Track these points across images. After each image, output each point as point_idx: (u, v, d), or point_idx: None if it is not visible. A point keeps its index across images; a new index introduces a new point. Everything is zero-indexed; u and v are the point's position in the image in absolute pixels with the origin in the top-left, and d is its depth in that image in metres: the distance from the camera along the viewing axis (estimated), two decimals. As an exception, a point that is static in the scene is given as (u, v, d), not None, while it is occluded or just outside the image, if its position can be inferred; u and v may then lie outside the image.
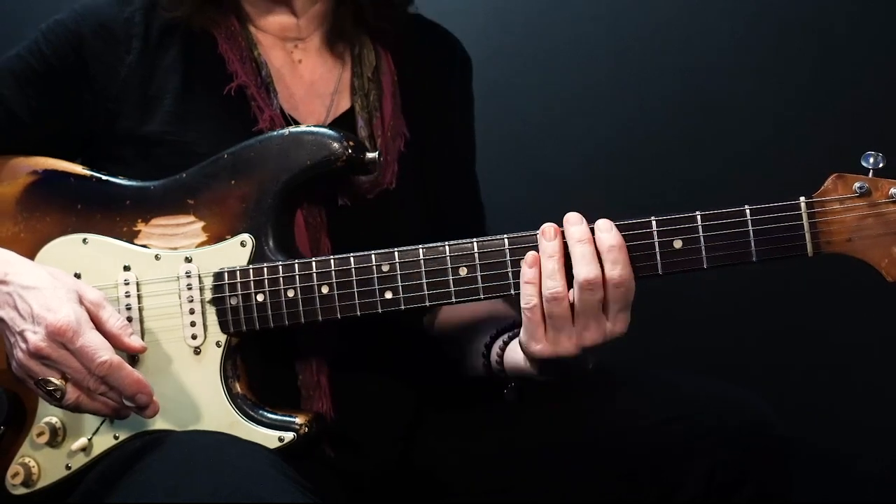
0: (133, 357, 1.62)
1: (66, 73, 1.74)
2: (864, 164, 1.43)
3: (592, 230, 1.48)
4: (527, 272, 1.49)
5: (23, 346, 1.50)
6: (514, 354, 1.61)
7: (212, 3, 1.77)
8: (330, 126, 1.71)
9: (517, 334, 1.60)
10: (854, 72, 2.50)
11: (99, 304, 1.55)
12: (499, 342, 1.66)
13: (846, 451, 2.54)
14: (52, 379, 1.49)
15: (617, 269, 1.45)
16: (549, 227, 1.49)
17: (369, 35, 1.86)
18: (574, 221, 1.49)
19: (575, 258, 1.46)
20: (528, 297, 1.48)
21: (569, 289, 1.47)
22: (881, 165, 1.42)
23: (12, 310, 1.53)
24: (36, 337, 1.49)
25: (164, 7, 1.75)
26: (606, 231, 1.47)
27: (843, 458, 2.53)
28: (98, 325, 1.53)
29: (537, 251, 1.50)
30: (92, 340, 1.49)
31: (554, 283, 1.47)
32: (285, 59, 1.82)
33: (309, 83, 1.83)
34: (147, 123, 1.73)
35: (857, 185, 1.42)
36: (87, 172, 1.72)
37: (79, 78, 1.74)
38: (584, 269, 1.45)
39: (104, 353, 1.48)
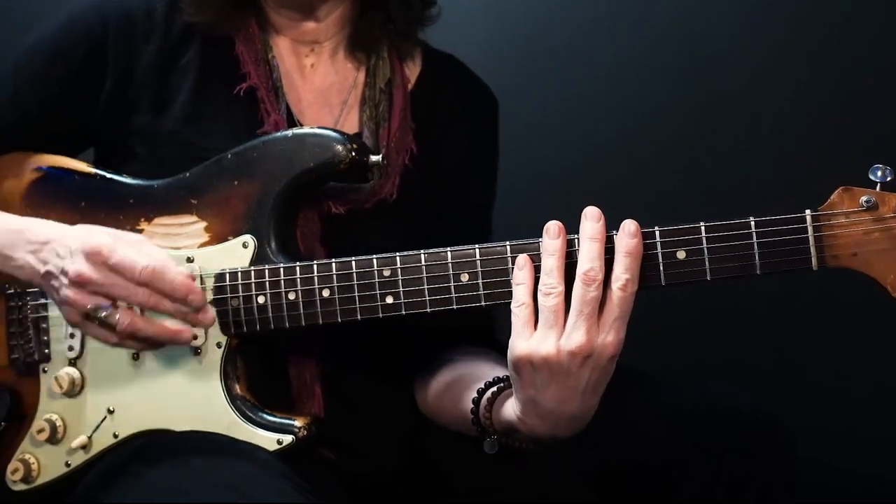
0: (134, 356, 1.63)
1: (86, 67, 1.73)
2: (871, 177, 1.40)
3: (609, 235, 1.45)
4: (517, 274, 1.47)
5: (65, 280, 1.53)
6: (503, 407, 1.56)
7: (234, 8, 1.76)
8: (334, 128, 1.69)
9: (505, 387, 1.57)
10: (863, 84, 2.48)
11: (139, 241, 1.59)
12: (487, 394, 1.60)
13: (849, 454, 2.53)
14: (102, 304, 1.52)
15: (627, 274, 1.42)
16: (553, 225, 1.46)
17: (389, 46, 1.84)
18: (592, 217, 1.45)
19: (582, 252, 1.43)
20: (518, 297, 1.46)
21: (564, 291, 1.44)
22: (889, 179, 1.40)
23: (55, 257, 1.56)
24: (75, 265, 1.52)
25: (188, 13, 1.73)
26: (632, 237, 1.43)
27: (846, 460, 2.53)
28: None
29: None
30: (127, 253, 1.52)
31: (551, 279, 1.43)
32: (298, 63, 1.81)
33: (319, 89, 1.81)
34: (159, 121, 1.73)
35: (863, 198, 1.40)
36: (92, 170, 1.72)
37: (98, 72, 1.73)
38: (589, 263, 1.42)
39: (143, 259, 1.52)
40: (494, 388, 1.59)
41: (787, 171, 2.48)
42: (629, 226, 1.44)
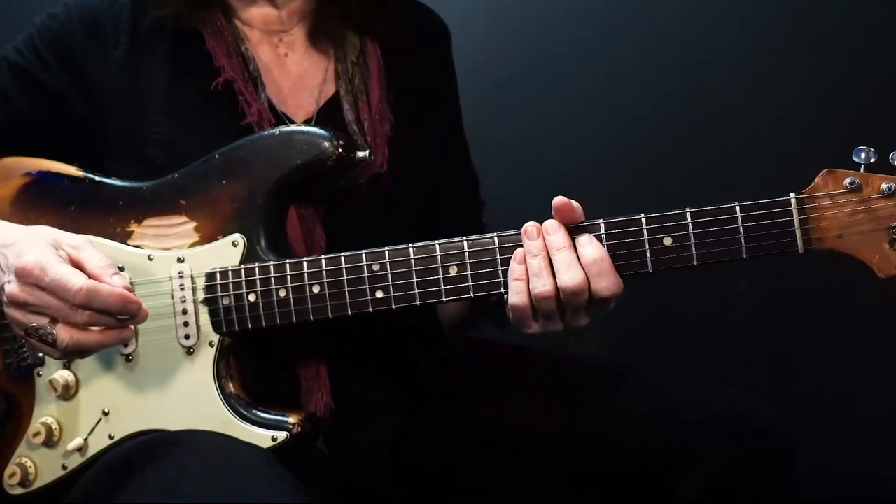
0: (127, 357, 1.63)
1: (59, 68, 1.75)
2: (855, 159, 1.41)
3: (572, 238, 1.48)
4: (515, 269, 1.49)
5: (4, 298, 1.50)
6: None
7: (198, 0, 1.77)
8: (321, 125, 1.69)
9: None
10: (845, 67, 2.48)
11: (78, 246, 1.53)
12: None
13: (845, 455, 2.53)
14: (41, 325, 1.47)
15: (602, 281, 1.44)
16: (531, 227, 1.48)
17: (355, 30, 1.85)
18: (552, 230, 1.48)
19: (557, 265, 1.46)
20: (516, 293, 1.48)
21: (556, 285, 1.46)
22: (872, 160, 1.41)
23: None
24: (10, 286, 1.48)
25: (152, 5, 1.74)
26: (587, 245, 1.46)
27: (842, 461, 2.52)
28: (79, 268, 1.50)
29: None
30: (60, 272, 1.46)
31: (541, 281, 1.46)
32: (272, 53, 1.82)
33: (297, 76, 1.82)
34: (137, 122, 1.74)
35: (847, 180, 1.41)
36: (81, 173, 1.73)
37: (72, 73, 1.75)
38: (567, 275, 1.45)
39: (76, 279, 1.45)
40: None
41: (771, 156, 2.48)
42: (582, 239, 1.47)
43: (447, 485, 1.75)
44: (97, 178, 1.72)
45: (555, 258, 1.46)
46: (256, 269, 1.60)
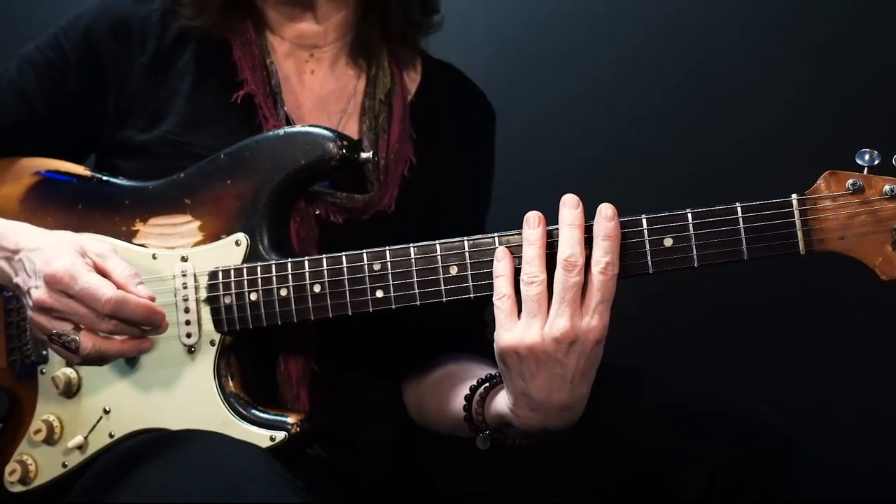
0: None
1: (82, 69, 1.77)
2: (858, 161, 1.39)
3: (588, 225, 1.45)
4: (497, 267, 1.47)
5: (30, 303, 1.52)
6: (494, 401, 1.56)
7: (232, 11, 1.78)
8: (324, 126, 1.70)
9: (497, 382, 1.57)
10: (848, 69, 2.47)
11: (104, 255, 1.54)
12: (480, 390, 1.59)
13: (848, 452, 2.51)
14: (65, 331, 1.49)
15: (607, 257, 1.41)
16: (533, 215, 1.46)
17: (389, 55, 1.85)
18: (570, 204, 1.45)
19: (562, 238, 1.42)
20: (499, 288, 1.46)
21: (547, 280, 1.43)
22: (876, 162, 1.39)
23: (23, 272, 1.55)
24: (38, 291, 1.50)
25: (186, 16, 1.76)
26: (609, 220, 1.43)
27: (845, 458, 2.50)
28: (105, 277, 1.51)
29: None
30: (90, 282, 1.48)
31: (532, 268, 1.43)
32: (297, 68, 1.83)
33: (318, 96, 1.83)
34: (155, 124, 1.75)
35: (850, 181, 1.39)
36: (88, 173, 1.74)
37: (95, 75, 1.77)
38: (569, 249, 1.41)
39: (106, 289, 1.47)
40: (487, 384, 1.59)
41: (774, 158, 2.47)
42: (606, 209, 1.43)
43: (446, 485, 1.74)
44: (104, 178, 1.73)
45: (562, 231, 1.43)
46: (258, 268, 1.60)
